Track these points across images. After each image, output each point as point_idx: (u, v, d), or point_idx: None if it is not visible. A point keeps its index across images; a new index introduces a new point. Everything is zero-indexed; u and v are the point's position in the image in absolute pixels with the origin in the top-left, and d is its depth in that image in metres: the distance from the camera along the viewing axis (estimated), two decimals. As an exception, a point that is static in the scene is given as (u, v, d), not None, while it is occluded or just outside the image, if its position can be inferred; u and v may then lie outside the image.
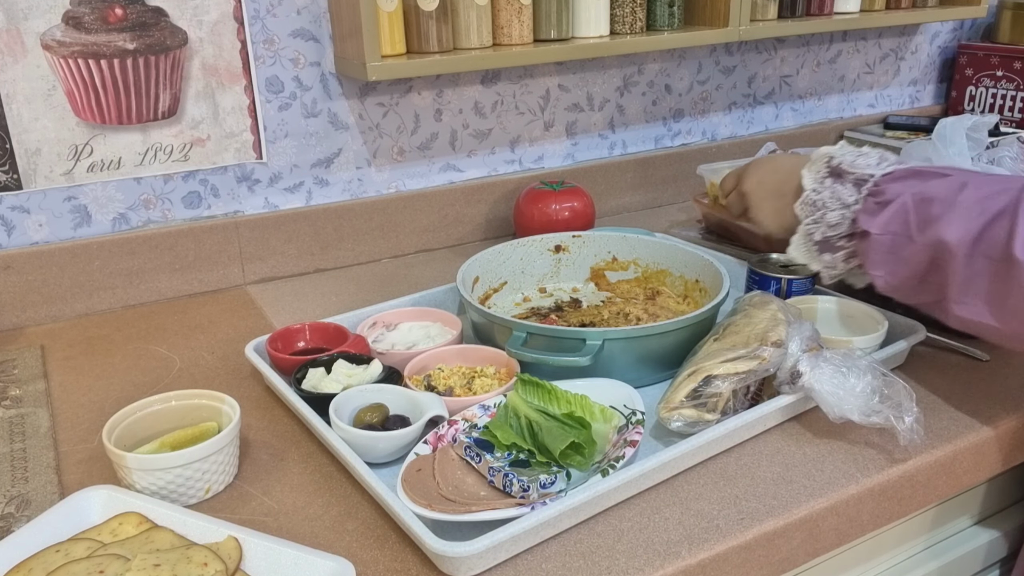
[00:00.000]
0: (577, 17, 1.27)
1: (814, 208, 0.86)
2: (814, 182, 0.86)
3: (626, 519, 0.69)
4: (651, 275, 1.11)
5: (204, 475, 0.72)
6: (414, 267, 1.28)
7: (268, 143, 1.20)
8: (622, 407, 0.79)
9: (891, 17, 1.58)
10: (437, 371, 0.88)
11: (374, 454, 0.75)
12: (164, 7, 1.08)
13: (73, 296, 1.12)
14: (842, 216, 0.85)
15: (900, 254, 0.80)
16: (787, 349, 0.80)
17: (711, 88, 1.59)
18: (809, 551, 0.73)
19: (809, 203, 0.87)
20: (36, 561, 0.62)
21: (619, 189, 1.51)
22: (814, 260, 0.89)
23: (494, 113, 1.37)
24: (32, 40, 1.03)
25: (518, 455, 0.74)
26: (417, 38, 1.15)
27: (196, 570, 0.60)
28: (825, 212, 0.85)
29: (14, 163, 1.06)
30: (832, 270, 0.88)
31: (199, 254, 1.18)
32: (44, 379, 0.96)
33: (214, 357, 1.00)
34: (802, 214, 0.87)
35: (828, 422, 0.79)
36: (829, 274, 0.89)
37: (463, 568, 0.62)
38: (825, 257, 0.87)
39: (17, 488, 0.76)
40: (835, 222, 0.85)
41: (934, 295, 0.79)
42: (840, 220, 0.85)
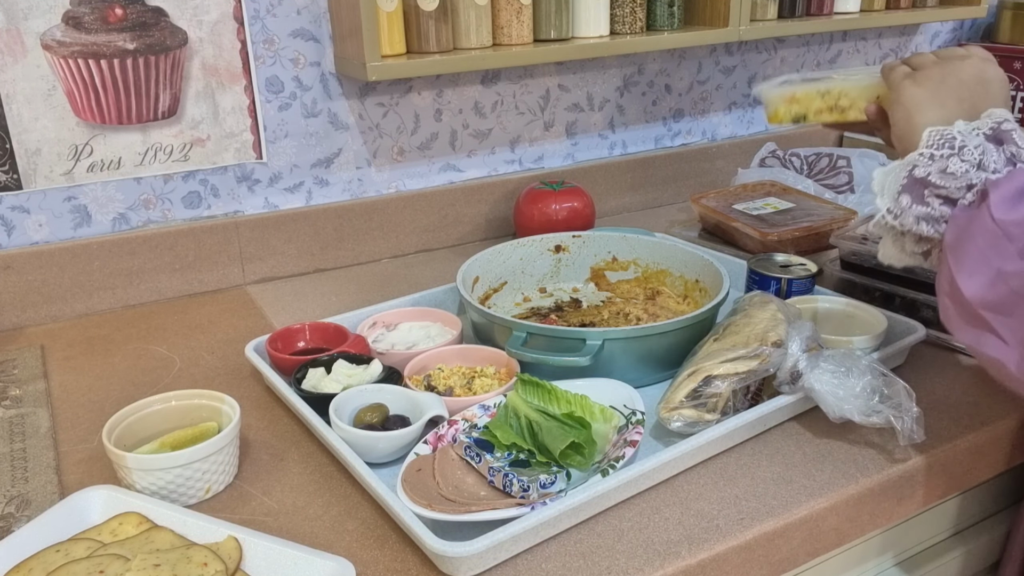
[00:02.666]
0: (577, 17, 1.27)
1: (943, 144, 0.70)
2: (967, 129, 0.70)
3: (626, 519, 0.69)
4: (651, 275, 1.11)
5: (204, 475, 0.72)
6: (414, 267, 1.28)
7: (268, 143, 1.20)
8: (622, 407, 0.79)
9: (891, 17, 1.58)
10: (437, 371, 0.88)
11: (374, 454, 0.75)
12: (164, 7, 1.08)
13: (73, 296, 1.12)
14: (966, 174, 0.69)
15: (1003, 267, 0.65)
16: (787, 349, 0.80)
17: (711, 88, 1.59)
18: (809, 551, 0.73)
19: (945, 138, 0.70)
20: (36, 561, 0.62)
21: (619, 189, 1.51)
22: (888, 196, 0.73)
23: (494, 113, 1.37)
24: (32, 40, 1.03)
25: (518, 455, 0.74)
26: (417, 38, 1.15)
27: (196, 570, 0.60)
28: (952, 157, 0.69)
29: (14, 163, 1.06)
30: (895, 220, 0.72)
31: (199, 254, 1.18)
32: (44, 379, 0.96)
33: (214, 357, 1.00)
34: (926, 140, 0.71)
35: (828, 422, 0.79)
36: (886, 223, 0.73)
37: (463, 568, 0.62)
38: (903, 200, 0.72)
39: (17, 488, 0.76)
40: (954, 171, 0.69)
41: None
42: (960, 175, 0.69)
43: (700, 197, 1.34)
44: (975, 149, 0.69)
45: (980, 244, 0.66)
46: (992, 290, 0.65)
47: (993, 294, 0.65)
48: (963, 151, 0.69)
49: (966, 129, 0.70)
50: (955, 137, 0.70)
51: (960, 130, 0.70)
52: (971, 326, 0.68)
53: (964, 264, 0.68)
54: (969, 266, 0.67)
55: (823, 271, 1.09)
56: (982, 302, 0.66)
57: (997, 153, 0.69)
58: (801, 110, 0.85)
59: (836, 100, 0.83)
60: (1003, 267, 0.65)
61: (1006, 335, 0.65)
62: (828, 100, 0.84)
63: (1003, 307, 0.65)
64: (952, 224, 0.70)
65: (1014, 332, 0.65)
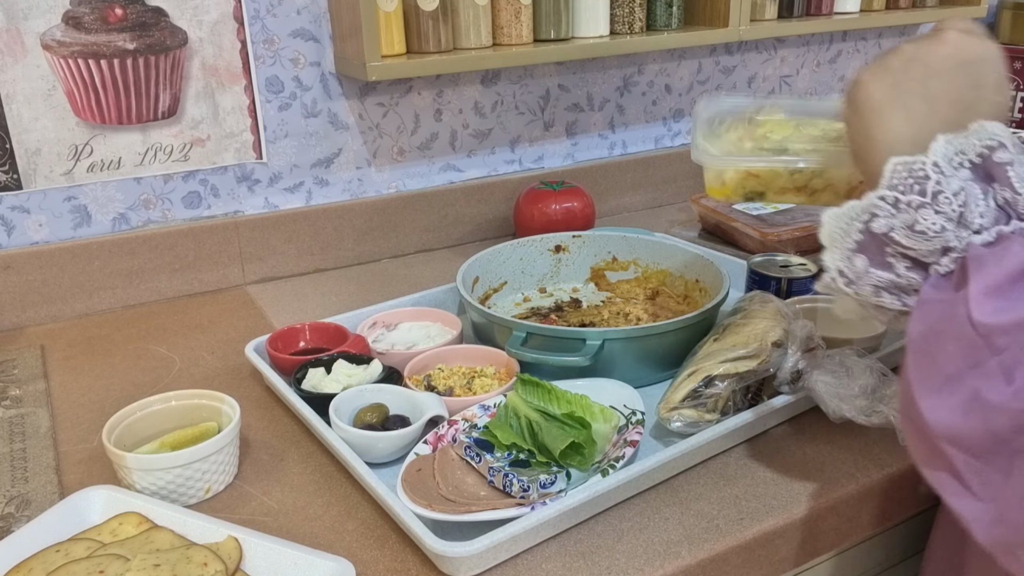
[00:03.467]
0: (577, 17, 1.27)
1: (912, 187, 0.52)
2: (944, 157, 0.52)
3: (626, 519, 0.69)
4: (651, 275, 1.11)
5: (204, 475, 0.72)
6: (414, 267, 1.28)
7: (268, 143, 1.20)
8: (622, 407, 0.79)
9: (891, 17, 1.58)
10: (437, 371, 0.88)
11: (374, 454, 0.75)
12: (164, 7, 1.08)
13: (73, 296, 1.12)
14: (942, 233, 0.51)
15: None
16: (787, 349, 0.80)
17: (711, 88, 1.59)
18: (809, 551, 0.73)
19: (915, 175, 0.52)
20: (36, 561, 0.62)
21: (619, 189, 1.51)
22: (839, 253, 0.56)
23: (494, 113, 1.37)
24: (32, 40, 1.03)
25: (518, 455, 0.74)
26: (417, 38, 1.15)
27: (196, 570, 0.60)
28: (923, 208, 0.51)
29: (14, 163, 1.06)
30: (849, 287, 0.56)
31: (199, 254, 1.18)
32: (44, 379, 0.96)
33: (214, 357, 1.00)
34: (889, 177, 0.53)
35: (828, 422, 0.79)
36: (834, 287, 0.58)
37: (463, 568, 0.62)
38: (857, 262, 0.55)
39: (17, 488, 0.75)
40: (924, 229, 0.51)
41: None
42: (933, 235, 0.51)
43: (700, 197, 1.34)
44: (955, 197, 0.50)
45: (952, 352, 0.48)
46: (965, 420, 0.47)
47: (966, 426, 0.47)
48: (938, 199, 0.50)
49: (945, 157, 0.51)
50: (928, 176, 0.51)
51: (937, 161, 0.51)
52: (932, 463, 0.50)
53: (928, 376, 0.49)
54: (934, 381, 0.49)
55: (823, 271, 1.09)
56: (948, 434, 0.48)
57: (985, 201, 0.51)
58: (759, 187, 0.69)
59: (808, 180, 0.67)
60: (982, 392, 0.47)
61: (976, 486, 0.47)
62: (798, 179, 0.67)
63: (975, 448, 0.47)
64: (919, 310, 0.52)
65: (987, 485, 0.47)
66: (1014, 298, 0.47)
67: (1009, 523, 0.46)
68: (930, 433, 0.49)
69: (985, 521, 0.47)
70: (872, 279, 0.54)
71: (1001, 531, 0.47)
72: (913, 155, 0.52)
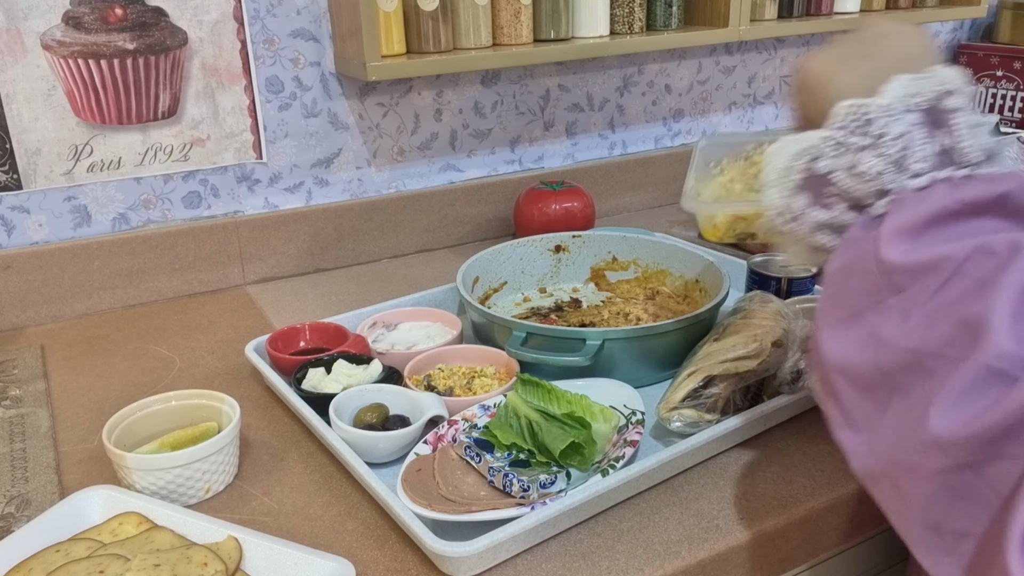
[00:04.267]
0: (577, 17, 1.27)
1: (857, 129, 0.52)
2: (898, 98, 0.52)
3: (626, 519, 0.69)
4: (651, 275, 1.11)
5: (204, 475, 0.72)
6: (414, 267, 1.28)
7: (268, 143, 1.20)
8: (622, 407, 0.79)
9: (891, 17, 1.58)
10: (437, 371, 0.88)
11: (374, 454, 0.75)
12: (164, 7, 1.08)
13: (73, 296, 1.12)
14: (879, 176, 0.51)
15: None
16: (787, 349, 0.80)
17: (711, 88, 1.59)
18: (809, 551, 0.73)
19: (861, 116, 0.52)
20: (36, 561, 0.62)
21: (619, 189, 1.51)
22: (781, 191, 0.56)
23: (494, 113, 1.37)
24: (32, 40, 1.03)
25: (518, 455, 0.74)
26: (417, 38, 1.15)
27: (196, 570, 0.60)
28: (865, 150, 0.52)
29: (14, 163, 1.06)
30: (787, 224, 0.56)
31: (199, 254, 1.18)
32: (44, 379, 0.96)
33: (214, 357, 1.00)
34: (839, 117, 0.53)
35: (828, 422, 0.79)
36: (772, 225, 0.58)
37: (463, 568, 0.62)
38: (799, 200, 0.55)
39: (17, 488, 0.75)
40: (864, 170, 0.52)
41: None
42: (872, 176, 0.51)
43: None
44: (895, 141, 0.50)
45: (857, 287, 0.50)
46: (859, 354, 0.48)
47: (858, 360, 0.48)
48: (881, 141, 0.51)
49: (898, 97, 0.51)
50: (874, 119, 0.51)
51: (890, 103, 0.51)
52: (824, 394, 0.52)
53: (833, 308, 0.51)
54: (838, 313, 0.50)
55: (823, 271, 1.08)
56: (840, 366, 0.49)
57: (926, 145, 0.51)
58: (749, 228, 0.71)
59: None
60: (879, 328, 0.48)
61: (856, 418, 0.49)
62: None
63: (861, 381, 0.48)
64: (841, 246, 0.53)
65: (866, 418, 0.48)
66: (923, 240, 0.48)
67: (878, 454, 0.47)
68: (825, 364, 0.50)
69: (860, 451, 0.49)
70: (811, 218, 0.55)
71: (870, 462, 0.48)
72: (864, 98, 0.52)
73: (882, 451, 0.47)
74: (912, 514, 0.46)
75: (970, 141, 0.51)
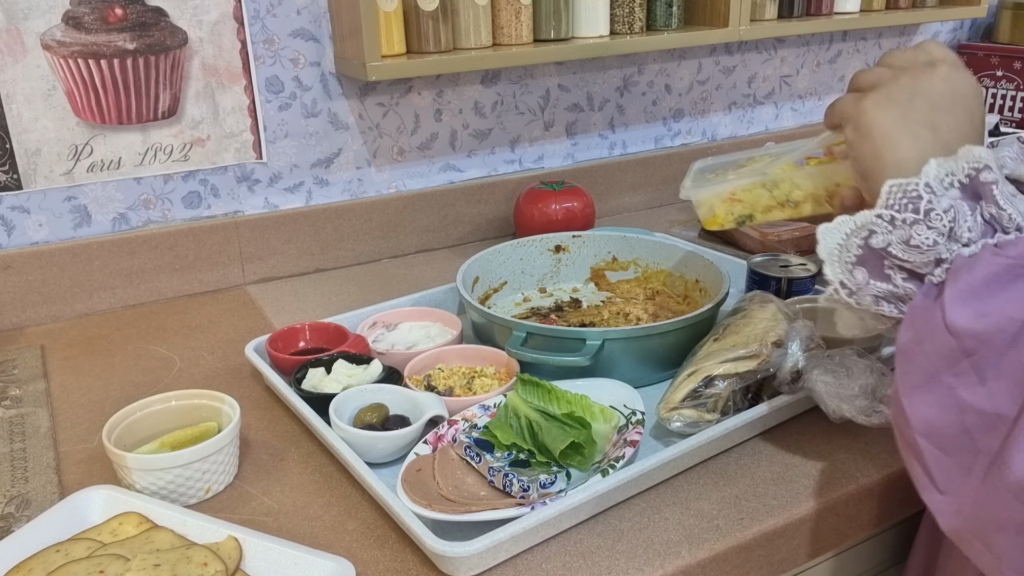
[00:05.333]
0: (577, 17, 1.27)
1: (906, 206, 0.56)
2: (936, 179, 0.56)
3: (626, 519, 0.69)
4: (651, 275, 1.11)
5: (204, 475, 0.72)
6: (414, 267, 1.28)
7: (268, 143, 1.20)
8: (622, 407, 0.79)
9: (891, 17, 1.58)
10: (437, 371, 0.88)
11: (374, 454, 0.75)
12: (164, 7, 1.08)
13: (73, 296, 1.12)
14: (935, 247, 0.55)
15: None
16: (787, 349, 0.80)
17: (711, 88, 1.59)
18: (809, 551, 0.73)
19: (908, 196, 0.56)
20: (36, 561, 0.62)
21: (619, 189, 1.51)
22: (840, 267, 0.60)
23: (494, 113, 1.37)
24: (32, 40, 1.03)
25: (518, 455, 0.74)
26: (417, 38, 1.15)
27: (196, 570, 0.60)
28: (917, 224, 0.55)
29: (14, 163, 1.06)
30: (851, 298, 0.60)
31: (199, 254, 1.18)
32: (44, 379, 0.96)
33: (214, 357, 1.00)
34: (885, 198, 0.57)
35: (828, 422, 0.79)
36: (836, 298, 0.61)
37: (463, 568, 0.62)
38: (857, 275, 0.59)
39: (17, 488, 0.75)
40: (919, 243, 0.55)
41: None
42: (927, 248, 0.55)
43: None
44: (945, 214, 0.55)
45: (930, 352, 0.52)
46: (941, 415, 0.51)
47: (941, 421, 0.51)
48: (930, 216, 0.55)
49: (936, 178, 0.56)
50: (920, 196, 0.55)
51: (929, 182, 0.55)
52: (909, 456, 0.55)
53: (911, 374, 0.53)
54: (916, 378, 0.53)
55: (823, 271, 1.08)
56: (924, 428, 0.52)
57: (972, 216, 0.55)
58: (745, 210, 0.72)
59: (787, 194, 0.69)
60: (957, 390, 0.50)
61: (940, 480, 0.52)
62: (778, 195, 0.69)
63: (945, 443, 0.51)
64: (908, 316, 0.56)
65: (950, 479, 0.51)
66: (982, 302, 0.51)
67: (965, 515, 0.50)
68: (909, 427, 0.53)
69: (946, 512, 0.52)
70: (872, 290, 0.59)
71: (958, 522, 0.51)
72: (907, 178, 0.56)
73: (969, 511, 0.50)
74: (1007, 567, 0.48)
75: (1010, 209, 0.55)
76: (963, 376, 0.50)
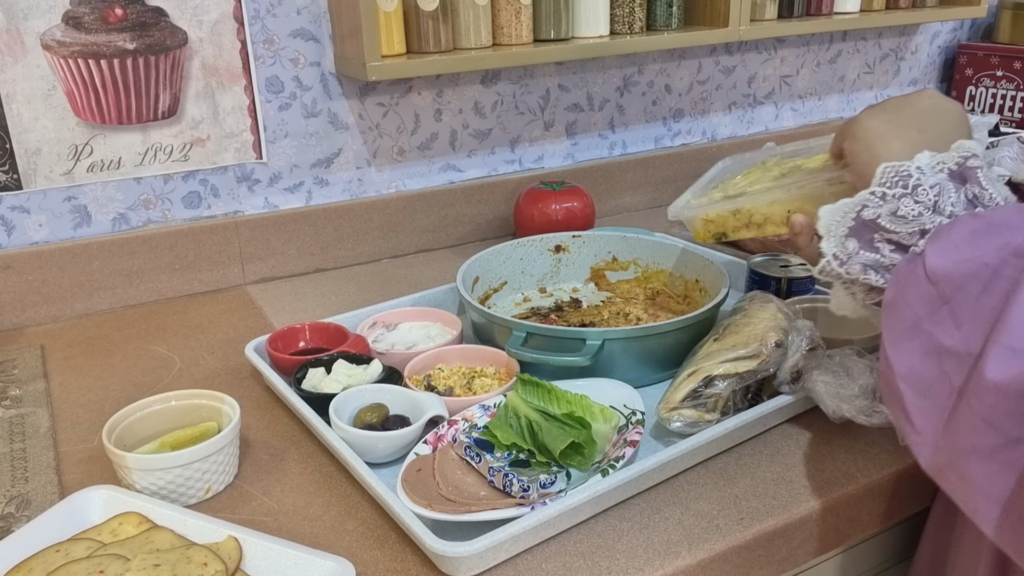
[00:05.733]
0: (577, 17, 1.27)
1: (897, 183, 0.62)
2: (928, 165, 0.62)
3: (626, 519, 0.69)
4: (651, 275, 1.11)
5: (204, 475, 0.72)
6: (414, 267, 1.28)
7: (268, 143, 1.20)
8: (622, 407, 0.79)
9: (891, 17, 1.58)
10: (437, 371, 0.88)
11: (374, 454, 0.75)
12: (164, 7, 1.08)
13: (73, 296, 1.12)
14: (919, 218, 0.61)
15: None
16: (787, 349, 0.80)
17: (711, 88, 1.59)
18: (809, 551, 0.73)
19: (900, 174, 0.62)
20: (36, 561, 0.62)
21: (619, 189, 1.51)
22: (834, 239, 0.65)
23: (494, 113, 1.37)
24: (32, 40, 1.03)
25: (518, 455, 0.74)
26: (417, 38, 1.15)
27: (196, 570, 0.60)
28: (904, 198, 0.61)
29: (14, 163, 1.06)
30: (841, 267, 0.65)
31: (199, 254, 1.18)
32: (44, 379, 0.96)
33: (214, 357, 1.00)
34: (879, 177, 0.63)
35: (828, 422, 0.79)
36: (831, 270, 0.66)
37: (463, 568, 0.62)
38: (849, 245, 0.64)
39: (17, 488, 0.76)
40: (905, 214, 0.61)
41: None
42: (912, 218, 0.61)
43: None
44: (931, 189, 0.60)
45: (912, 301, 0.57)
46: (923, 361, 0.56)
47: (922, 366, 0.56)
48: (917, 191, 0.61)
49: (928, 164, 0.62)
50: (910, 174, 0.61)
51: (920, 165, 0.61)
52: (891, 404, 0.59)
53: (894, 326, 0.58)
54: (900, 328, 0.57)
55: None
56: (906, 374, 0.56)
57: (956, 194, 0.61)
58: (719, 229, 0.81)
59: (749, 217, 0.78)
60: (936, 335, 0.55)
61: (918, 421, 0.56)
62: (741, 218, 0.79)
63: (923, 387, 0.56)
64: (894, 278, 0.61)
65: (928, 418, 0.55)
66: (959, 251, 0.56)
67: (939, 448, 0.55)
68: (893, 374, 0.57)
69: (925, 452, 0.56)
70: (861, 259, 0.64)
71: (934, 458, 0.56)
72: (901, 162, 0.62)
73: (944, 444, 0.54)
74: (978, 494, 0.52)
75: (992, 190, 0.61)
76: (941, 323, 0.55)
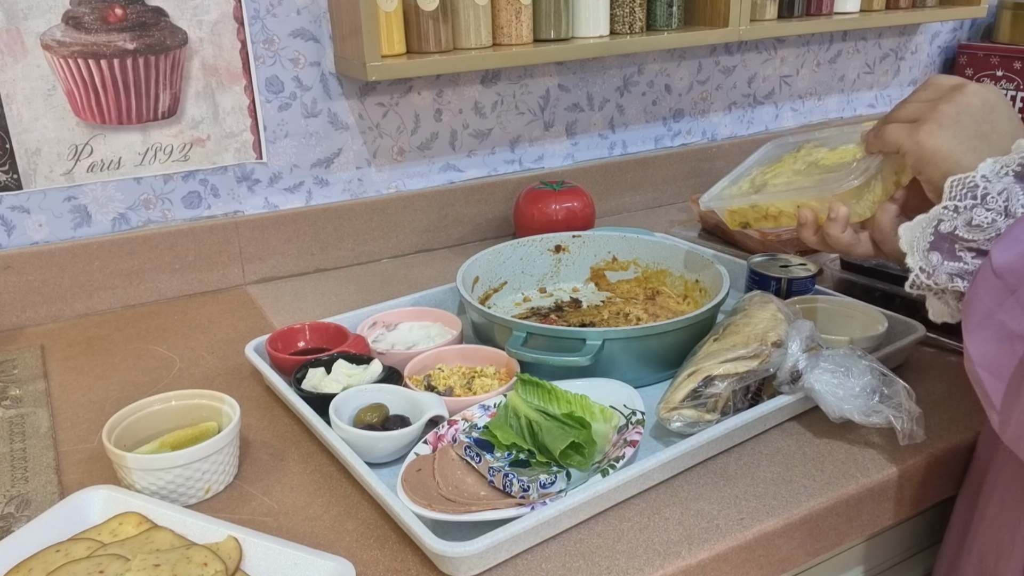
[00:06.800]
0: (577, 17, 1.27)
1: (966, 194, 0.65)
2: (992, 171, 0.64)
3: (626, 519, 0.69)
4: (651, 275, 1.11)
5: (204, 475, 0.72)
6: (414, 267, 1.28)
7: (268, 143, 1.20)
8: (622, 407, 0.79)
9: (891, 17, 1.58)
10: (437, 371, 0.88)
11: (374, 454, 0.75)
12: (164, 7, 1.08)
13: (73, 296, 1.12)
14: (994, 223, 0.63)
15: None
16: (787, 349, 0.80)
17: (711, 88, 1.59)
18: (809, 551, 0.73)
19: (967, 186, 0.65)
20: (36, 561, 0.62)
21: (619, 189, 1.51)
22: (918, 254, 0.68)
23: (494, 113, 1.37)
24: (32, 40, 1.03)
25: (518, 455, 0.74)
26: (417, 38, 1.15)
27: (196, 570, 0.60)
28: (976, 208, 0.64)
29: (14, 163, 1.06)
30: (929, 279, 0.67)
31: (199, 254, 1.18)
32: (44, 379, 0.96)
33: (214, 357, 1.00)
34: (948, 191, 0.66)
35: (828, 422, 0.79)
36: (918, 282, 0.68)
37: (463, 568, 0.62)
38: (933, 257, 0.67)
39: (17, 488, 0.76)
40: (980, 223, 0.64)
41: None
42: (987, 225, 0.64)
43: (700, 197, 1.34)
44: (999, 196, 0.63)
45: (983, 295, 0.61)
46: (997, 348, 0.60)
47: (997, 352, 0.60)
48: (986, 199, 0.63)
49: (991, 171, 0.64)
50: (977, 184, 0.64)
51: (984, 173, 0.64)
52: (975, 385, 0.63)
53: (970, 318, 0.62)
54: (974, 319, 0.62)
55: (823, 271, 1.09)
56: (982, 361, 0.61)
57: None
58: (743, 219, 0.88)
59: (766, 211, 0.85)
60: (1007, 323, 0.59)
61: (996, 401, 0.61)
62: (759, 211, 0.85)
63: (1000, 371, 0.60)
64: (973, 279, 0.65)
65: (1004, 399, 0.60)
66: (1022, 247, 0.59)
67: (1018, 422, 0.59)
68: (971, 362, 0.61)
69: (1006, 428, 0.60)
70: (946, 269, 0.66)
71: (1011, 432, 0.60)
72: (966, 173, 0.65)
73: (1018, 418, 0.59)
74: None
75: None
76: (1010, 311, 0.59)
